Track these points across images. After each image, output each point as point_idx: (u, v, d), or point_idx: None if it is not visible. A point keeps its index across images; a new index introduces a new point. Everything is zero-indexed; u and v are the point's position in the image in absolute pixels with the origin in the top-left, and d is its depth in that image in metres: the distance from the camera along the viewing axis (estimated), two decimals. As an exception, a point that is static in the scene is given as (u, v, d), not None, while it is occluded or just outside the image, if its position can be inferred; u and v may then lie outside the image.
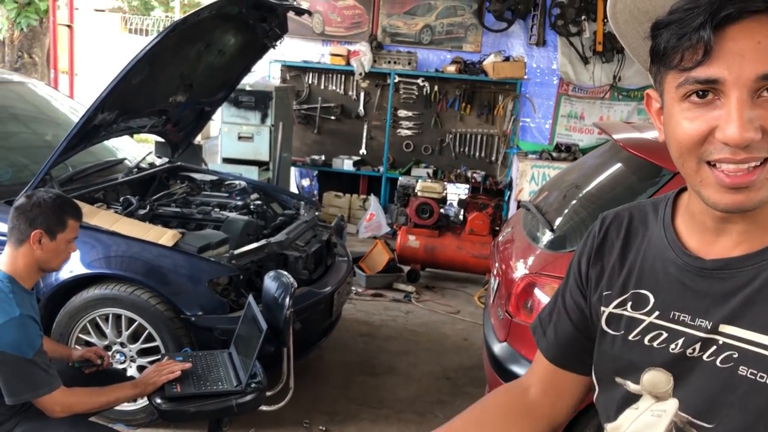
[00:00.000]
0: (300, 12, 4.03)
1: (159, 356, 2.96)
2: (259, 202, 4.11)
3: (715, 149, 0.81)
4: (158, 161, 4.50)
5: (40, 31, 8.81)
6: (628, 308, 0.99)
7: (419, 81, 7.07)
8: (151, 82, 3.52)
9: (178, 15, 15.21)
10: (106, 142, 4.03)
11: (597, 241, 1.07)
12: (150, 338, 3.13)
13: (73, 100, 5.11)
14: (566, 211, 3.05)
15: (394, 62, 7.02)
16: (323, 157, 7.32)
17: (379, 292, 5.31)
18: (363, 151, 7.34)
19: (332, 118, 7.36)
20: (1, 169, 3.44)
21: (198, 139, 6.99)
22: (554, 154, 6.60)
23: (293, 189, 7.31)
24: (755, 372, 0.84)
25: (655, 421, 0.94)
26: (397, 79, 7.07)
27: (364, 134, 7.32)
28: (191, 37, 3.54)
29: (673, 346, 0.93)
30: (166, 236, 3.20)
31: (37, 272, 2.37)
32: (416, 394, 3.81)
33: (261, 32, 4.05)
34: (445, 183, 6.18)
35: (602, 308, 1.03)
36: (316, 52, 7.36)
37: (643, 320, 0.97)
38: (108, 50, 12.67)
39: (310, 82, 7.33)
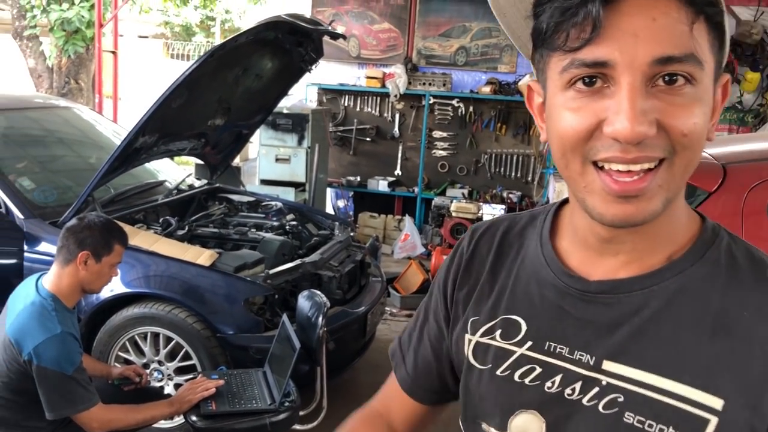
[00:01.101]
0: (335, 36, 4.10)
1: (194, 374, 3.01)
2: (294, 222, 4.17)
3: (603, 146, 0.67)
4: (197, 183, 4.60)
5: (87, 57, 9.12)
6: (497, 337, 0.83)
7: (454, 102, 7.10)
8: (191, 106, 3.62)
9: (218, 40, 15.57)
10: (147, 165, 4.15)
11: (466, 257, 0.92)
12: (187, 356, 3.18)
13: (116, 124, 5.27)
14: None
15: (429, 84, 7.07)
16: (359, 178, 7.38)
17: (414, 312, 5.30)
18: (398, 171, 7.38)
19: (368, 139, 7.42)
20: (47, 191, 3.56)
21: (237, 161, 7.13)
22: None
23: (329, 210, 7.38)
24: (643, 419, 0.71)
25: None
26: (432, 101, 7.11)
27: (399, 155, 7.36)
28: (229, 62, 3.63)
29: (549, 384, 0.78)
30: (204, 256, 3.26)
31: (79, 292, 2.45)
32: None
33: (297, 56, 4.14)
34: (481, 203, 6.18)
35: (468, 336, 0.87)
36: (352, 75, 7.46)
37: (514, 351, 0.81)
38: (151, 75, 13.03)
39: (346, 104, 7.42)
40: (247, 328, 3.14)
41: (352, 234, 4.22)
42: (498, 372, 0.82)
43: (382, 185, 7.26)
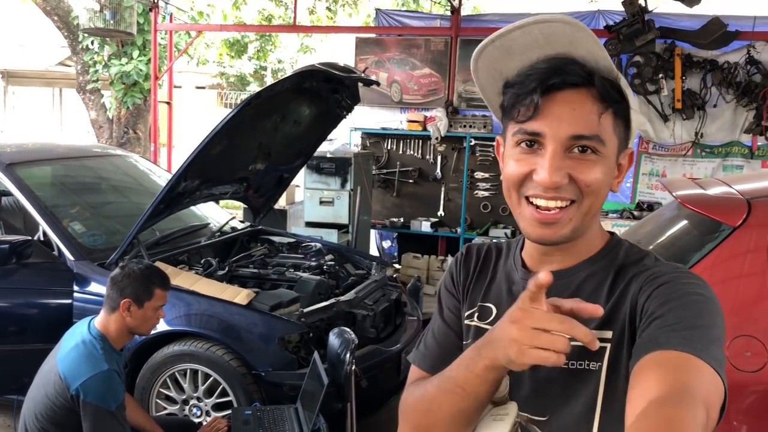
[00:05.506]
0: (368, 83, 4.24)
1: (230, 411, 3.11)
2: (332, 262, 4.27)
3: (531, 186, 1.01)
4: (240, 225, 4.77)
5: (144, 108, 9.58)
6: (476, 319, 1.16)
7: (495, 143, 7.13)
8: (231, 151, 3.79)
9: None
10: (193, 208, 4.33)
11: (462, 264, 1.24)
12: (224, 393, 3.28)
13: (168, 171, 5.51)
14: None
15: (470, 126, 7.16)
16: (402, 220, 7.47)
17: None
18: (441, 212, 7.44)
19: (410, 181, 7.53)
20: (96, 235, 3.77)
21: (283, 204, 7.32)
22: (635, 213, 6.48)
23: (373, 250, 7.46)
24: (567, 361, 0.93)
25: (498, 424, 1.05)
26: (473, 142, 7.19)
27: (442, 196, 7.44)
28: (267, 109, 3.80)
29: None
30: (241, 295, 3.39)
31: (127, 336, 2.61)
32: None
33: (334, 103, 4.29)
34: (522, 243, 6.17)
35: (465, 322, 1.18)
36: (395, 119, 7.62)
37: (486, 329, 1.07)
38: (204, 124, 13.52)
39: (388, 147, 7.57)
40: (282, 365, 3.22)
41: (395, 275, 4.28)
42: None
43: (425, 226, 7.32)
